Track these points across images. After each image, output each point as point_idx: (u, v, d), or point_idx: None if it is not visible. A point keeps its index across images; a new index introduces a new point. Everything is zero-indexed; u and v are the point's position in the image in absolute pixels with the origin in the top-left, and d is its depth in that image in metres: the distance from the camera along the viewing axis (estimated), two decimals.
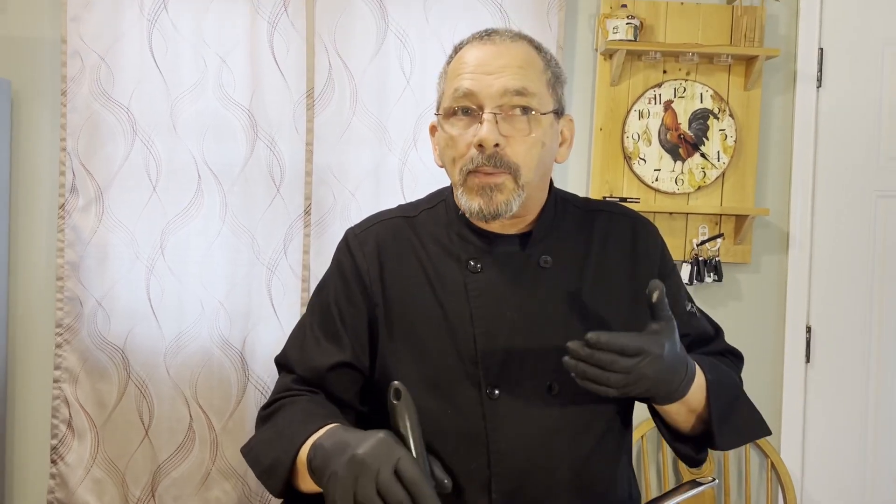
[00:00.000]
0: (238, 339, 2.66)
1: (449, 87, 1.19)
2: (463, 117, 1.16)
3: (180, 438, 2.65)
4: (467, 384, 1.17)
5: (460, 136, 1.16)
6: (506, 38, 1.18)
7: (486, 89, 1.14)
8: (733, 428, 1.22)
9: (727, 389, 1.23)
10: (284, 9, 2.63)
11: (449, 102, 1.17)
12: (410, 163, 2.67)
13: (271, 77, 2.63)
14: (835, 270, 2.80)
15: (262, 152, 2.64)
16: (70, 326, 2.63)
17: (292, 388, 1.23)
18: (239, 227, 2.65)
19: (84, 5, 2.60)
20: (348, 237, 1.29)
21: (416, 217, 1.28)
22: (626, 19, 2.61)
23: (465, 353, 1.18)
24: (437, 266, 1.22)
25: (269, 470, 1.14)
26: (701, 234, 2.74)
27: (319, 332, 1.25)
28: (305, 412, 1.17)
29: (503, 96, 1.14)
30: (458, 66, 1.18)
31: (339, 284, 1.26)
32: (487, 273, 1.20)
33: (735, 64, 2.73)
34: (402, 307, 1.22)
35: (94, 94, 2.60)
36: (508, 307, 1.19)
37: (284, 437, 1.14)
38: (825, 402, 2.81)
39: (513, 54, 1.16)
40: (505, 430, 1.16)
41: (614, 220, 1.29)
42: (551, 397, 1.18)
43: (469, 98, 1.15)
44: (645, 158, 2.72)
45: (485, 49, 1.17)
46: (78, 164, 2.61)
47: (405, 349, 1.20)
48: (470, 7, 2.66)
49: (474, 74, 1.15)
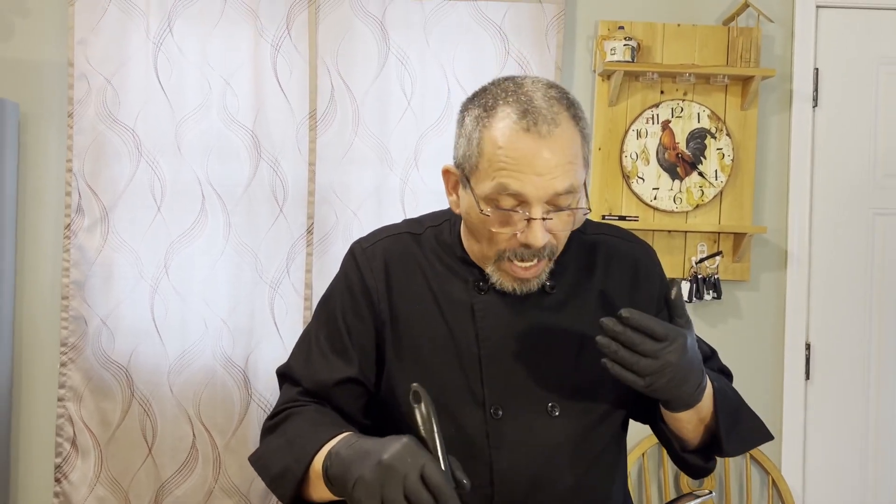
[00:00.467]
0: (241, 357, 2.69)
1: (488, 173, 1.11)
2: (506, 211, 1.12)
3: (183, 456, 2.67)
4: (472, 403, 1.20)
5: (501, 228, 1.13)
6: (551, 126, 1.09)
7: (534, 192, 1.09)
8: (739, 434, 1.25)
9: (731, 398, 1.26)
10: (287, 32, 2.68)
11: (490, 192, 1.11)
12: (412, 182, 2.70)
13: (274, 99, 2.68)
14: (833, 287, 2.82)
15: (265, 172, 2.68)
16: (75, 345, 2.66)
17: (298, 399, 1.24)
18: (242, 246, 2.68)
19: (91, 29, 2.65)
20: (355, 251, 1.29)
21: (422, 234, 1.29)
22: (624, 41, 2.66)
23: (471, 373, 1.20)
24: (444, 285, 1.24)
25: (279, 478, 1.15)
26: (700, 252, 2.77)
27: (326, 346, 1.25)
28: (315, 422, 1.18)
29: (552, 197, 1.11)
30: (499, 155, 1.10)
31: (346, 299, 1.26)
32: (494, 295, 1.22)
33: (731, 84, 2.77)
34: (409, 325, 1.23)
35: (100, 115, 2.65)
36: (513, 328, 1.21)
37: (295, 445, 1.14)
38: (825, 419, 2.82)
39: (561, 148, 1.10)
40: (507, 448, 1.19)
41: (615, 246, 1.30)
42: (552, 418, 1.20)
43: (515, 197, 1.11)
44: (643, 177, 2.75)
45: (531, 143, 1.09)
46: (84, 184, 2.65)
47: (411, 366, 1.22)
48: (469, 30, 2.70)
49: (522, 174, 1.09)
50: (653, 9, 2.79)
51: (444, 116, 2.70)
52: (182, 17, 2.66)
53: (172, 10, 2.66)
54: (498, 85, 1.16)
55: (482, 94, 1.17)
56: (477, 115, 1.14)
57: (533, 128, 1.09)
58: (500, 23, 2.70)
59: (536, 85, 1.14)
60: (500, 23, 2.70)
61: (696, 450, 1.27)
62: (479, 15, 2.70)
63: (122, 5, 2.65)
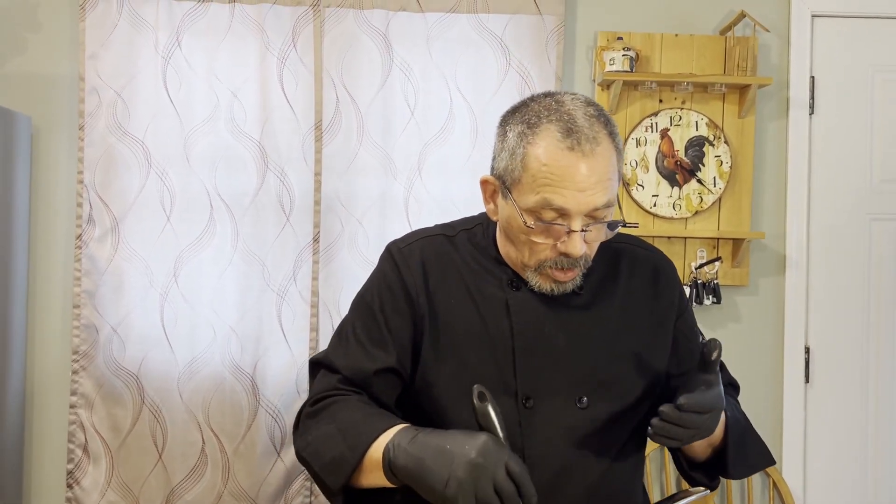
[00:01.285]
0: (249, 364, 2.73)
1: (531, 187, 1.18)
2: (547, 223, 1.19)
3: (193, 462, 2.72)
4: (504, 394, 1.26)
5: (543, 238, 1.20)
6: (592, 145, 1.16)
7: (576, 207, 1.16)
8: (744, 459, 1.33)
9: (740, 424, 1.33)
10: (293, 45, 2.74)
11: (533, 206, 1.18)
12: (415, 191, 2.75)
13: (281, 110, 2.74)
14: (831, 291, 2.86)
15: (272, 182, 2.73)
16: (86, 353, 2.71)
17: (339, 387, 1.28)
18: (250, 254, 2.73)
19: (101, 44, 2.71)
20: (392, 250, 1.34)
21: (456, 236, 1.35)
22: (623, 51, 2.71)
23: (504, 365, 1.26)
24: (478, 283, 1.30)
25: (332, 464, 1.19)
26: (699, 258, 2.81)
27: (364, 338, 1.30)
28: (364, 411, 1.22)
29: (592, 211, 1.18)
30: (544, 171, 1.16)
31: (384, 294, 1.31)
32: (526, 292, 1.28)
33: (729, 92, 2.82)
34: (446, 319, 1.28)
35: (110, 128, 2.71)
36: (545, 324, 1.27)
37: (349, 434, 1.19)
38: (825, 422, 2.86)
39: (601, 166, 1.17)
40: (538, 437, 1.25)
41: (638, 255, 1.38)
42: (580, 409, 1.27)
43: (558, 211, 1.17)
44: (643, 185, 2.80)
45: (574, 161, 1.15)
46: (95, 195, 2.71)
47: (447, 359, 1.28)
48: (471, 42, 2.76)
49: (565, 190, 1.16)
50: (651, 20, 2.85)
51: (447, 126, 2.76)
52: (190, 32, 2.72)
53: (181, 24, 2.72)
54: (539, 102, 1.22)
55: (524, 111, 1.22)
56: (520, 132, 1.20)
57: (577, 147, 1.16)
58: (502, 35, 2.76)
59: (576, 103, 1.20)
60: (501, 35, 2.76)
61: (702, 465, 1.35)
62: (480, 27, 2.76)
63: (131, 20, 2.71)
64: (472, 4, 2.76)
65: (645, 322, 1.33)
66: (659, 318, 1.34)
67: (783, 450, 2.84)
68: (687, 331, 1.38)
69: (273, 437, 2.72)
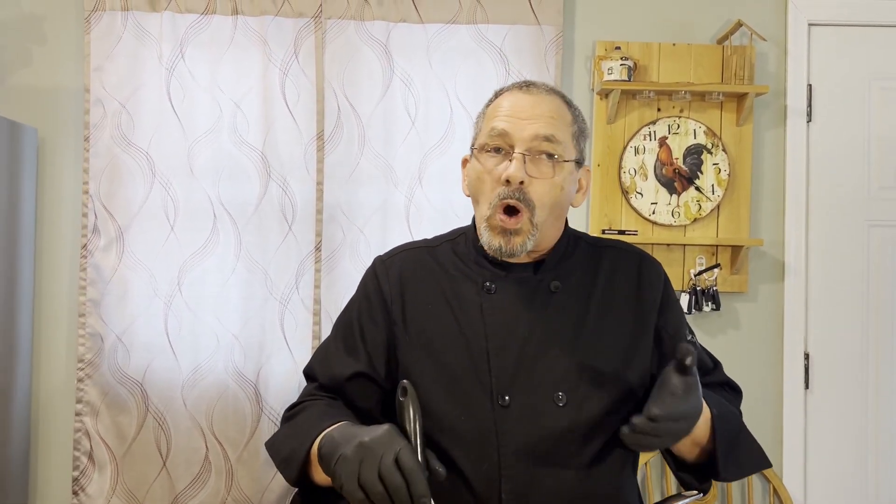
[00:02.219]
0: (252, 371, 2.76)
1: (486, 126, 1.33)
2: (495, 154, 1.30)
3: (197, 469, 2.74)
4: (480, 392, 1.29)
5: (491, 170, 1.30)
6: (542, 91, 1.33)
7: (518, 132, 1.28)
8: (735, 461, 1.32)
9: (730, 424, 1.33)
10: (295, 57, 2.77)
11: (484, 139, 1.32)
12: (416, 200, 2.78)
13: (283, 121, 2.77)
14: (830, 297, 2.88)
15: (274, 192, 2.77)
16: (91, 361, 2.74)
17: (314, 393, 1.39)
18: (253, 263, 2.76)
19: (106, 56, 2.75)
20: (376, 263, 1.44)
21: (438, 247, 1.43)
22: (621, 60, 2.74)
23: (479, 365, 1.30)
24: (455, 288, 1.36)
25: (286, 460, 1.27)
26: (698, 265, 2.83)
27: (341, 346, 1.39)
28: (322, 412, 1.31)
29: (533, 140, 1.28)
30: (496, 108, 1.33)
31: (362, 303, 1.40)
32: (501, 294, 1.33)
33: (726, 101, 2.84)
34: (422, 323, 1.34)
35: (115, 139, 2.74)
36: (519, 324, 1.31)
37: (301, 431, 1.27)
38: (826, 428, 2.87)
39: (546, 105, 1.31)
40: (514, 434, 1.27)
41: (622, 255, 1.41)
42: (558, 407, 1.28)
43: (503, 137, 1.29)
44: (642, 192, 2.82)
45: (522, 97, 1.32)
46: (99, 205, 2.74)
47: (424, 362, 1.33)
48: (471, 53, 2.79)
49: (510, 118, 1.29)
50: (648, 29, 2.88)
51: (448, 135, 2.79)
52: (193, 44, 2.76)
53: (184, 37, 2.76)
54: None
55: None
56: (490, 99, 1.38)
57: (526, 88, 1.33)
58: (501, 45, 2.79)
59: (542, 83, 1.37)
60: (500, 45, 2.79)
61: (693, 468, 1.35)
62: (480, 37, 2.79)
63: (136, 33, 2.75)
64: (472, 15, 2.79)
65: (627, 321, 1.35)
66: (640, 317, 1.36)
67: (783, 456, 2.85)
68: (672, 329, 1.38)
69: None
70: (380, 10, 2.78)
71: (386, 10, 2.78)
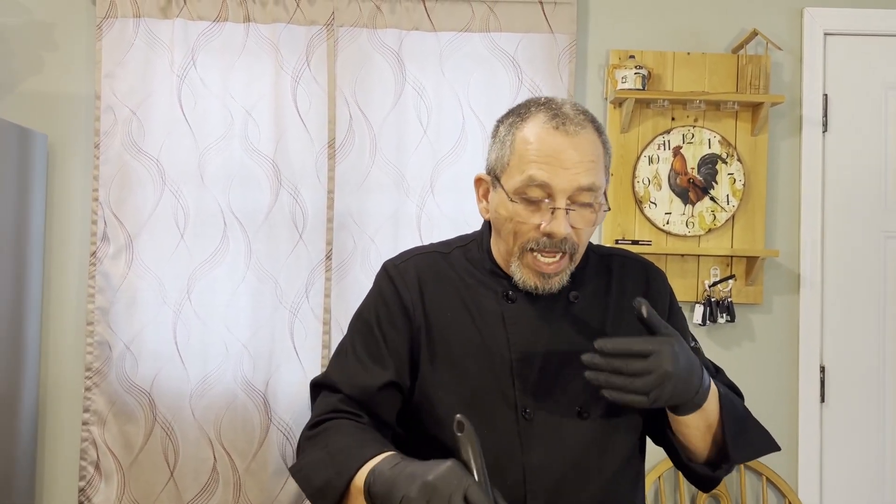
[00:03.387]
0: (261, 381, 2.73)
1: (518, 167, 1.22)
2: (531, 203, 1.22)
3: (204, 479, 2.71)
4: (503, 405, 1.26)
5: (526, 219, 1.22)
6: (577, 126, 1.22)
7: (559, 183, 1.19)
8: (746, 441, 1.28)
9: (737, 404, 1.30)
10: (307, 64, 2.76)
11: (519, 185, 1.21)
12: (428, 208, 2.76)
13: (294, 129, 2.75)
14: (846, 310, 2.84)
15: (285, 200, 2.74)
16: (99, 370, 2.71)
17: (339, 407, 1.29)
18: (263, 272, 2.74)
19: (117, 63, 2.74)
20: (388, 268, 1.36)
21: (450, 253, 1.37)
22: (635, 69, 2.72)
23: (502, 376, 1.27)
24: (474, 296, 1.31)
25: (321, 491, 1.19)
26: (713, 276, 2.80)
27: (364, 355, 1.31)
28: (357, 437, 1.22)
29: (574, 192, 1.20)
30: (527, 146, 1.22)
31: (381, 310, 1.33)
32: (522, 304, 1.29)
33: (741, 110, 2.82)
34: (442, 332, 1.30)
35: (125, 146, 2.73)
36: (542, 335, 1.28)
37: (338, 460, 1.19)
38: (841, 441, 2.83)
39: (584, 148, 1.21)
40: (538, 448, 1.24)
41: (627, 263, 1.39)
42: (581, 420, 1.26)
43: (543, 189, 1.20)
44: (656, 202, 2.80)
45: (558, 139, 1.21)
46: (109, 213, 2.73)
47: (445, 372, 1.29)
48: (483, 60, 2.77)
49: (549, 167, 1.20)
50: (663, 38, 2.86)
51: (459, 144, 2.77)
52: (205, 51, 2.75)
53: (196, 44, 2.75)
54: (531, 99, 1.29)
55: (516, 107, 1.30)
56: (511, 122, 1.27)
57: (561, 127, 1.22)
58: (514, 53, 2.77)
59: (566, 101, 1.28)
60: (513, 53, 2.77)
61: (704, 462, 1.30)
62: (492, 46, 2.77)
63: (147, 40, 2.74)
64: (485, 23, 2.77)
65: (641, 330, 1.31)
66: None
67: (799, 469, 2.81)
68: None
69: (284, 454, 2.72)
70: (392, 18, 2.77)
71: (398, 19, 2.77)
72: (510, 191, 1.23)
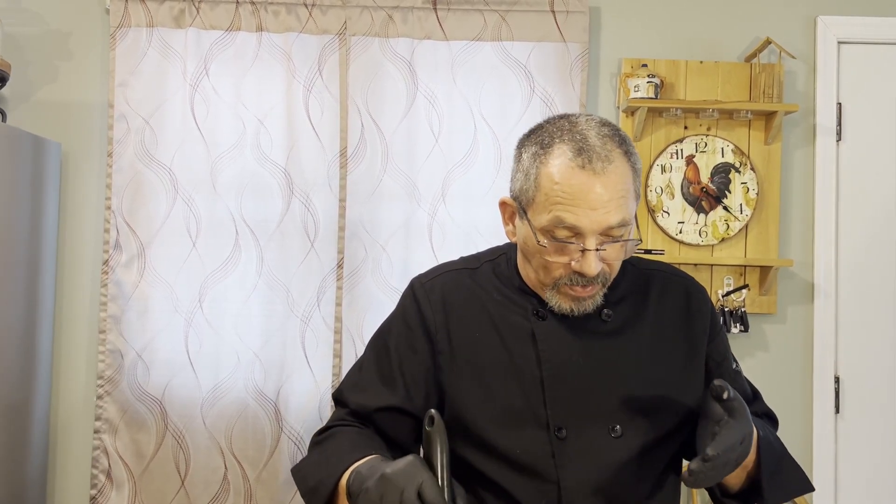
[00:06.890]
0: (272, 390, 2.73)
1: (545, 206, 1.18)
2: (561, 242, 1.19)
3: (215, 489, 2.71)
4: (535, 424, 1.24)
5: (557, 258, 1.20)
6: (604, 164, 1.16)
7: (589, 225, 1.15)
8: (780, 484, 1.27)
9: (775, 447, 1.29)
10: (319, 73, 2.76)
11: (546, 225, 1.18)
12: (439, 217, 2.75)
13: (307, 137, 2.75)
14: (861, 320, 2.82)
15: (297, 209, 2.75)
16: (111, 378, 2.72)
17: (345, 419, 1.32)
18: (274, 280, 2.74)
19: (130, 72, 2.75)
20: (415, 286, 1.35)
21: (479, 269, 1.35)
22: (647, 78, 2.71)
23: (533, 396, 1.24)
24: (503, 313, 1.29)
25: (313, 490, 1.22)
26: (726, 286, 2.78)
27: (375, 374, 1.32)
28: (352, 442, 1.25)
29: (605, 230, 1.17)
30: (556, 190, 1.16)
31: (402, 330, 1.32)
32: (552, 321, 1.27)
33: (755, 119, 2.80)
34: (469, 352, 1.28)
35: (138, 155, 2.74)
36: (573, 353, 1.25)
37: (330, 462, 1.22)
38: (856, 453, 2.80)
39: (613, 184, 1.16)
40: (573, 468, 1.22)
41: (669, 280, 1.36)
42: (614, 439, 1.24)
43: (571, 230, 1.17)
44: (668, 211, 2.78)
45: (586, 179, 1.15)
46: (122, 221, 2.73)
47: (474, 391, 1.27)
48: (495, 69, 2.77)
49: (577, 209, 1.15)
50: (675, 47, 2.85)
51: (471, 153, 2.76)
52: (217, 60, 2.76)
53: (208, 53, 2.76)
54: (553, 123, 1.22)
55: (538, 132, 1.23)
56: (534, 153, 1.21)
57: (588, 165, 1.16)
58: (526, 62, 2.77)
59: (590, 123, 1.20)
60: (525, 62, 2.77)
61: (736, 495, 1.30)
62: (504, 55, 2.77)
63: (160, 49, 2.75)
64: (497, 32, 2.77)
65: (679, 348, 1.31)
66: (692, 343, 1.31)
67: (814, 481, 2.77)
68: (718, 357, 1.35)
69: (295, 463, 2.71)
70: (404, 27, 2.77)
71: (410, 28, 2.77)
72: (538, 228, 1.19)
